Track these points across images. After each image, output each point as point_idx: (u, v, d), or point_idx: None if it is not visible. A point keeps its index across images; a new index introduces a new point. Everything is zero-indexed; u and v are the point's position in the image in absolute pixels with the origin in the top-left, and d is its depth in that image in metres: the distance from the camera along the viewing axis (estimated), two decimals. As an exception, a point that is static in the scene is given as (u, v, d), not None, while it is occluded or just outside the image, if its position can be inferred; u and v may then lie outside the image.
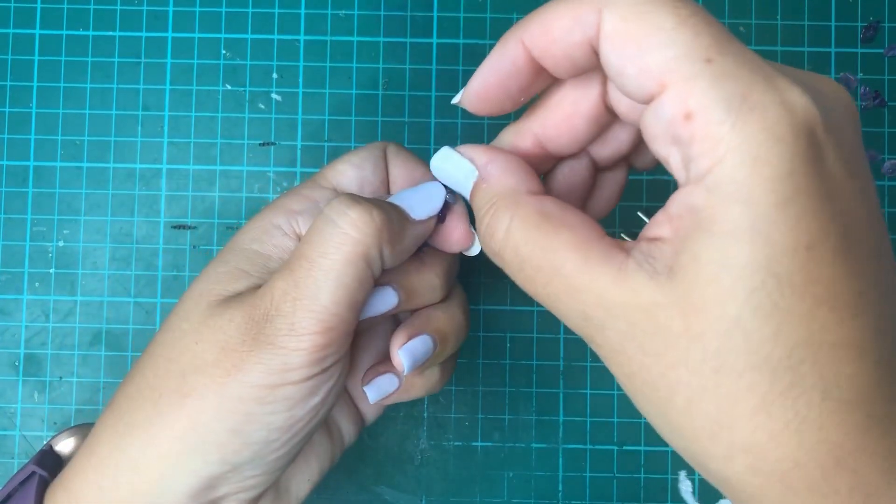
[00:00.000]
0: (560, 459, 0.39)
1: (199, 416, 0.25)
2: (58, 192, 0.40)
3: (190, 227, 0.40)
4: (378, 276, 0.26)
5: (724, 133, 0.18)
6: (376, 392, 0.30)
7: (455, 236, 0.28)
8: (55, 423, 0.39)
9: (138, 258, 0.39)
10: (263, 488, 0.27)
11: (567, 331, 0.39)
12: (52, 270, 0.39)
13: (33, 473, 0.28)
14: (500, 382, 0.39)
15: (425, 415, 0.39)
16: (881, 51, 0.40)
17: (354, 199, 0.25)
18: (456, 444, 0.39)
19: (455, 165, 0.26)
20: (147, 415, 0.25)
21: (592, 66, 0.22)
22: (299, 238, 0.28)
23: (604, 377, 0.39)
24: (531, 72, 0.23)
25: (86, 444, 0.27)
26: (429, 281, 0.28)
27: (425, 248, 0.29)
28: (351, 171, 0.29)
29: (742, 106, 0.18)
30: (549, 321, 0.39)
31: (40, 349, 0.39)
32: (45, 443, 0.32)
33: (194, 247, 0.40)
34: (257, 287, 0.26)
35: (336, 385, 0.26)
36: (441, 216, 0.28)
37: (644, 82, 0.19)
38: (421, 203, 0.27)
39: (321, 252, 0.25)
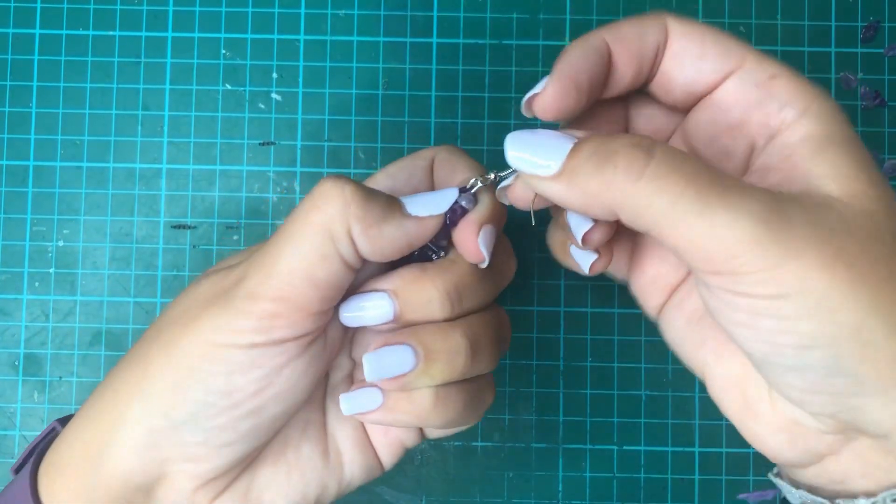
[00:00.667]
0: (560, 459, 0.39)
1: (147, 366, 0.26)
2: (58, 192, 0.40)
3: (190, 227, 0.40)
4: (354, 264, 0.25)
5: (805, 82, 0.25)
6: (353, 404, 0.27)
7: (465, 245, 0.27)
8: (55, 423, 0.39)
9: (138, 258, 0.39)
10: (209, 465, 0.26)
11: (567, 331, 0.39)
12: (52, 270, 0.39)
13: (53, 429, 0.29)
14: (500, 382, 0.39)
15: (425, 415, 0.39)
16: (881, 51, 0.40)
17: (339, 176, 0.25)
18: (456, 444, 0.39)
19: (543, 138, 0.24)
20: (116, 370, 0.27)
21: (650, 77, 0.27)
22: None
23: (604, 377, 0.39)
24: (605, 70, 0.26)
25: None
26: (425, 292, 0.26)
27: (434, 259, 0.28)
28: (382, 181, 0.29)
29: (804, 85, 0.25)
30: (550, 321, 0.39)
31: (40, 349, 0.39)
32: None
33: (194, 247, 0.40)
34: None
35: (292, 368, 0.25)
36: (452, 221, 0.27)
37: (725, 60, 0.25)
38: (424, 201, 0.26)
39: (290, 219, 0.25)
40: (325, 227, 0.24)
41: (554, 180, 0.23)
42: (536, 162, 0.23)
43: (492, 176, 0.27)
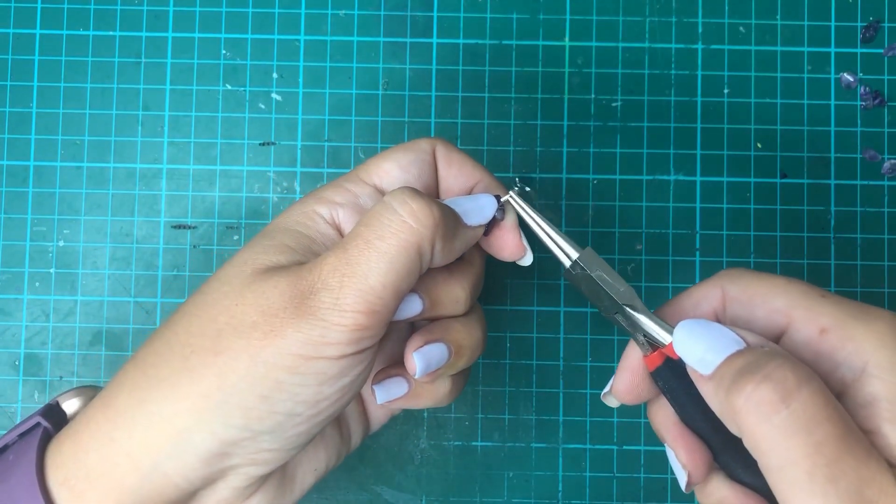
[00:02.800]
0: (560, 459, 0.39)
1: (228, 375, 0.24)
2: (58, 192, 0.40)
3: (190, 227, 0.40)
4: (424, 272, 0.27)
5: (863, 335, 0.23)
6: (385, 393, 0.30)
7: (509, 246, 0.30)
8: (55, 423, 0.39)
9: (138, 258, 0.39)
10: (274, 466, 0.26)
11: (567, 331, 0.39)
12: (52, 270, 0.39)
13: (37, 425, 0.27)
14: (500, 382, 0.39)
15: (425, 415, 0.39)
16: (881, 51, 0.40)
17: (416, 191, 0.26)
18: (456, 443, 0.39)
19: (714, 332, 0.25)
20: (174, 369, 0.25)
21: None
22: (338, 230, 0.28)
23: (604, 377, 0.39)
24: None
25: (101, 395, 0.26)
26: (454, 293, 0.29)
27: (455, 261, 0.30)
28: (396, 172, 0.29)
29: (864, 316, 0.24)
30: (550, 321, 0.39)
31: (40, 349, 0.39)
32: (50, 399, 0.31)
33: (194, 247, 0.40)
34: (301, 262, 0.26)
35: (364, 372, 0.26)
36: (486, 228, 0.30)
37: (774, 319, 0.25)
38: (474, 211, 0.29)
39: (378, 235, 0.25)
40: (418, 246, 0.25)
41: (706, 381, 0.25)
42: (704, 359, 0.25)
43: (517, 188, 0.31)
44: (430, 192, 0.30)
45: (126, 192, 0.40)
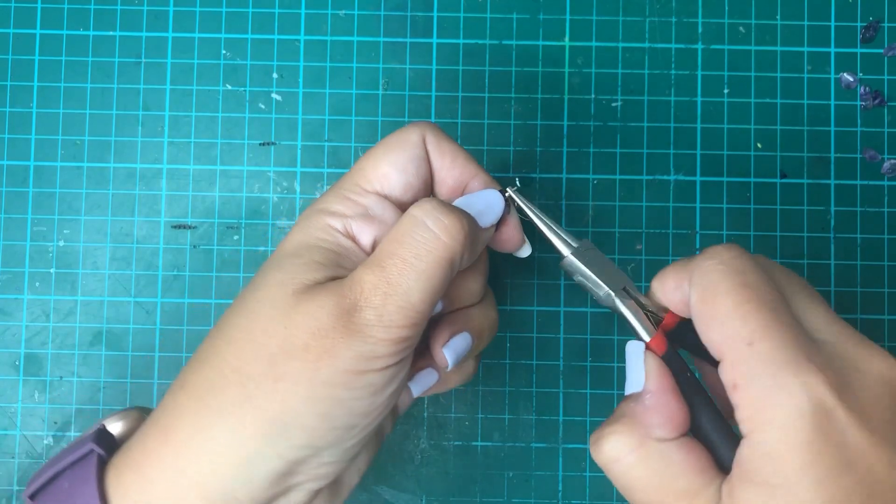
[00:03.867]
0: (560, 459, 0.39)
1: (290, 400, 0.25)
2: (58, 192, 0.40)
3: (190, 227, 0.40)
4: None
5: (760, 405, 0.23)
6: (419, 387, 0.31)
7: (513, 240, 0.31)
8: (55, 423, 0.39)
9: (138, 258, 0.39)
10: (333, 478, 0.28)
11: (567, 331, 0.39)
12: (52, 270, 0.39)
13: (91, 451, 0.27)
14: (500, 382, 0.39)
15: (425, 415, 0.39)
16: (881, 51, 0.40)
17: (445, 205, 0.27)
18: (456, 443, 0.39)
19: (635, 364, 0.28)
20: (234, 398, 0.25)
21: None
22: (355, 241, 0.28)
23: (604, 377, 0.39)
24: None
25: (154, 423, 0.27)
26: (471, 287, 0.31)
27: None
28: (395, 176, 0.29)
29: (772, 384, 0.23)
30: (550, 321, 0.39)
31: (40, 349, 0.39)
32: (97, 422, 0.31)
33: (194, 246, 0.40)
34: (335, 278, 0.27)
35: (405, 375, 0.28)
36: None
37: (712, 349, 0.25)
38: (486, 212, 0.30)
39: (415, 254, 0.26)
40: (451, 260, 0.27)
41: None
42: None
43: (517, 184, 0.31)
44: (427, 186, 0.30)
45: (126, 192, 0.40)
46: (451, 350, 0.30)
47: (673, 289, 0.28)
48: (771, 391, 0.23)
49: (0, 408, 0.39)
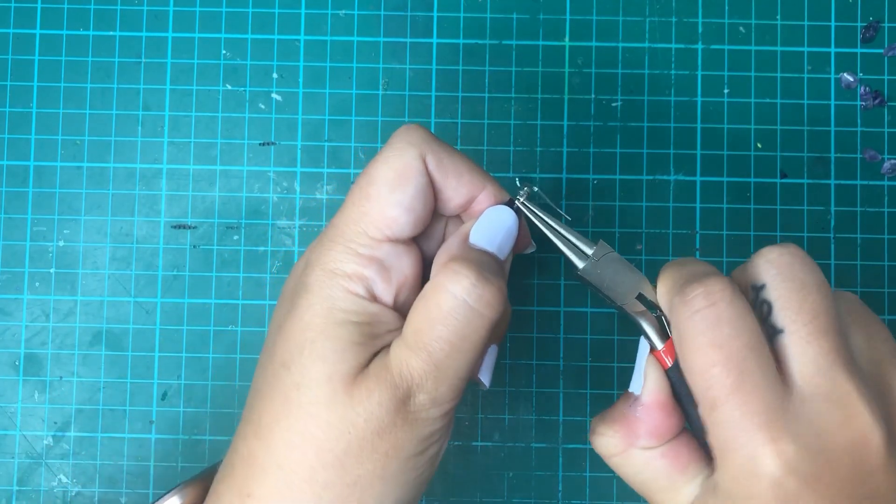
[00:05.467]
0: (560, 459, 0.39)
1: (366, 499, 0.26)
2: (58, 192, 0.40)
3: (190, 227, 0.40)
4: None
5: (723, 452, 0.24)
6: (488, 373, 0.32)
7: (522, 246, 0.31)
8: (55, 423, 0.39)
9: (138, 258, 0.39)
10: None
11: (567, 331, 0.39)
12: (52, 270, 0.39)
13: None
14: (500, 382, 0.39)
15: (425, 415, 0.39)
16: (881, 51, 0.40)
17: (482, 277, 0.26)
18: (456, 443, 0.39)
19: (639, 365, 0.28)
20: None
21: None
22: (379, 301, 0.27)
23: (604, 377, 0.39)
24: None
25: None
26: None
27: None
28: (404, 217, 0.27)
29: (727, 449, 0.24)
30: (550, 321, 0.39)
31: (40, 349, 0.39)
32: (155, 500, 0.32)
33: (194, 247, 0.40)
34: (375, 354, 0.27)
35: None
36: None
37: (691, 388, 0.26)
38: (505, 241, 0.29)
39: (461, 336, 0.26)
40: (494, 327, 0.27)
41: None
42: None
43: (524, 190, 0.30)
44: (433, 210, 0.29)
45: (126, 192, 0.40)
46: (486, 371, 0.30)
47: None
48: (727, 458, 0.24)
49: (0, 408, 0.39)
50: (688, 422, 0.27)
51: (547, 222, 0.29)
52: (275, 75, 0.40)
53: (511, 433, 0.39)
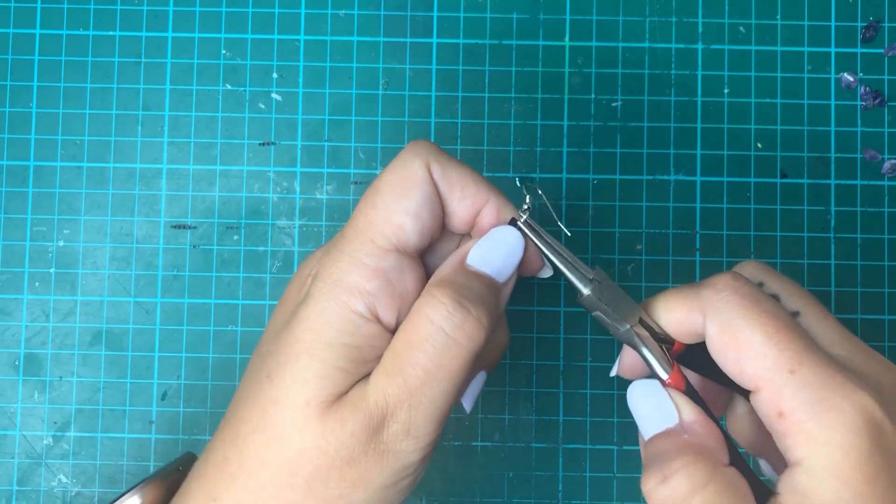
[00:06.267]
0: (560, 459, 0.39)
1: None
2: (58, 192, 0.40)
3: (190, 227, 0.40)
4: None
5: (812, 429, 0.23)
6: (471, 400, 0.31)
7: (532, 266, 0.29)
8: (55, 423, 0.39)
9: (138, 258, 0.39)
10: None
11: (567, 331, 0.39)
12: (52, 270, 0.39)
13: None
14: (500, 382, 0.39)
15: (425, 415, 0.39)
16: (881, 51, 0.40)
17: (461, 306, 0.26)
18: (456, 443, 0.39)
19: (656, 402, 0.26)
20: None
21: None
22: (379, 320, 0.27)
23: (604, 377, 0.39)
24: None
25: None
26: (495, 339, 0.30)
27: None
28: (410, 224, 0.27)
29: (822, 407, 0.23)
30: (550, 321, 0.39)
31: (40, 349, 0.39)
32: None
33: (194, 246, 0.40)
34: (356, 382, 0.26)
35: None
36: None
37: (744, 381, 0.25)
38: (506, 262, 0.28)
39: (437, 364, 0.25)
40: (474, 357, 0.26)
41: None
42: (642, 427, 0.27)
43: (526, 208, 0.29)
44: (440, 223, 0.28)
45: (126, 192, 0.40)
46: (469, 397, 0.30)
47: (682, 321, 0.27)
48: (823, 414, 0.23)
49: (0, 408, 0.39)
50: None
51: (550, 245, 0.28)
52: (275, 75, 0.40)
53: (511, 433, 0.39)
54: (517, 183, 0.30)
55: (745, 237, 0.39)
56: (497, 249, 0.28)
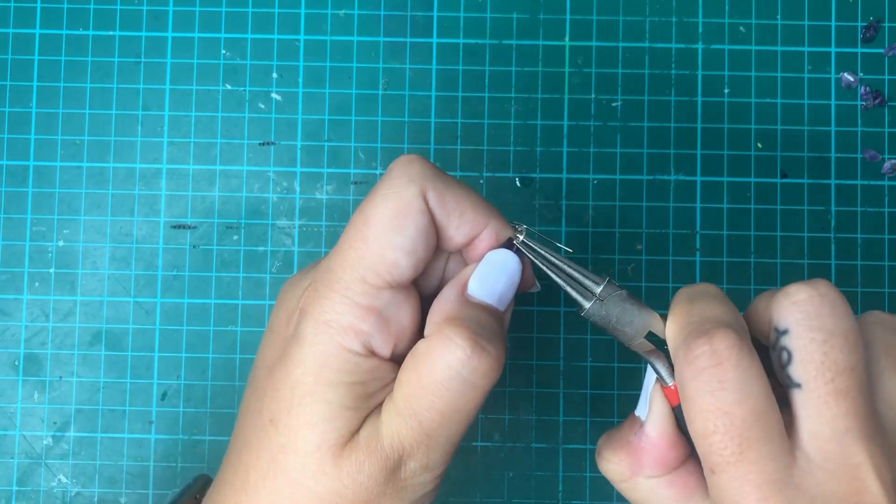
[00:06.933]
0: (560, 459, 0.39)
1: None
2: (58, 192, 0.40)
3: (190, 227, 0.40)
4: None
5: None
6: None
7: (526, 285, 0.29)
8: (55, 423, 0.39)
9: (138, 258, 0.39)
10: None
11: (567, 331, 0.39)
12: (52, 270, 0.39)
13: None
14: (500, 382, 0.39)
15: (425, 415, 0.39)
16: (881, 51, 0.40)
17: (478, 345, 0.25)
18: (456, 444, 0.39)
19: (645, 389, 0.28)
20: None
21: None
22: (376, 355, 0.26)
23: (604, 377, 0.39)
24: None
25: None
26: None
27: None
28: (404, 261, 0.25)
29: None
30: (550, 321, 0.39)
31: (40, 349, 0.39)
32: None
33: (194, 246, 0.40)
34: (364, 418, 0.26)
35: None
36: None
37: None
38: (507, 288, 0.28)
39: (454, 408, 0.25)
40: (483, 401, 0.26)
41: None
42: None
43: (521, 230, 0.28)
44: (433, 250, 0.27)
45: (126, 192, 0.40)
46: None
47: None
48: None
49: (0, 408, 0.39)
50: (693, 452, 0.26)
51: (550, 260, 0.27)
52: (274, 75, 0.40)
53: (511, 433, 0.39)
54: (517, 183, 0.30)
55: (745, 237, 0.39)
56: (498, 277, 0.27)
